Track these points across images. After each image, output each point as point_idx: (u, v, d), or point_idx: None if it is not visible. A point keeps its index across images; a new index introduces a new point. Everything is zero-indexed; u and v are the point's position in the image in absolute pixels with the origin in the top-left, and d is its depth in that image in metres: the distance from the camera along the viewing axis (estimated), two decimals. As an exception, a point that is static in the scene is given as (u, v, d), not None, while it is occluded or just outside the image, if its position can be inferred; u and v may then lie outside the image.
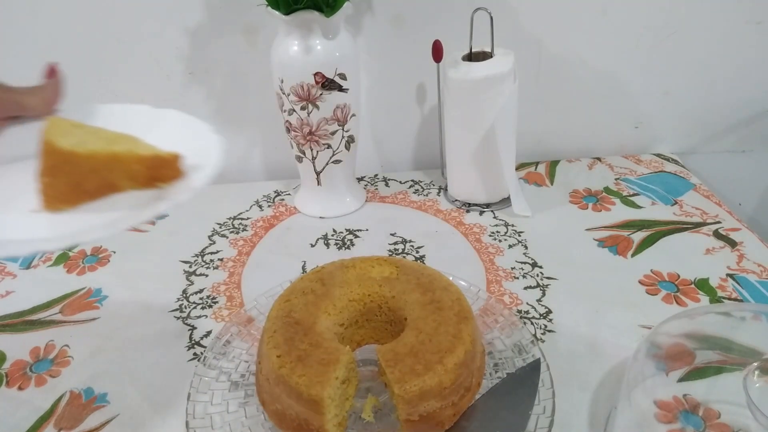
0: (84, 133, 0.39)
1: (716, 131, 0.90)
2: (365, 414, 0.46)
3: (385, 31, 0.80)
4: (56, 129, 0.38)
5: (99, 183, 0.38)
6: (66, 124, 0.40)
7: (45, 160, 0.37)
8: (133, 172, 0.38)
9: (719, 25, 0.80)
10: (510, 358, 0.50)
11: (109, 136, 0.40)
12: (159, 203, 0.35)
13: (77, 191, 0.37)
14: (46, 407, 0.51)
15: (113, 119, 0.45)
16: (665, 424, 0.42)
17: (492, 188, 0.76)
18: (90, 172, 0.37)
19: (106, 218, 0.36)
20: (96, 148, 0.37)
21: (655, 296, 0.60)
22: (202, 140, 0.42)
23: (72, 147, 0.36)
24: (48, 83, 0.45)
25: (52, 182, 0.37)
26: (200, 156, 0.40)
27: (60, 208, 0.37)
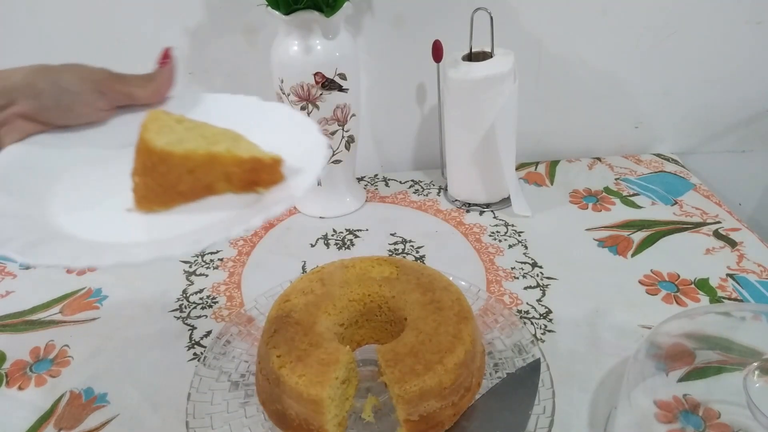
0: (184, 129, 0.37)
1: (716, 131, 0.90)
2: (365, 414, 0.46)
3: (385, 31, 0.80)
4: (155, 124, 0.36)
5: (194, 184, 0.36)
6: (167, 118, 0.38)
7: (139, 158, 0.35)
8: (231, 174, 0.36)
9: (719, 25, 0.80)
10: (510, 358, 0.50)
11: (210, 132, 0.38)
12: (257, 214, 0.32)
13: (171, 192, 0.35)
14: (46, 407, 0.51)
15: (218, 110, 0.44)
16: (665, 424, 0.42)
17: (492, 188, 0.76)
18: (185, 173, 0.35)
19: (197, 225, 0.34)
20: (193, 148, 0.35)
21: (655, 296, 0.60)
22: (306, 140, 0.40)
23: (167, 146, 0.34)
24: (160, 72, 0.44)
25: (144, 182, 0.35)
26: (302, 158, 0.38)
27: (152, 209, 0.35)
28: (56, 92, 0.39)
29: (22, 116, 0.39)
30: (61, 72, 0.40)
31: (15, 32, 0.77)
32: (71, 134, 0.41)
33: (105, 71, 0.41)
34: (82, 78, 0.40)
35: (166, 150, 0.34)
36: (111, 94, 0.41)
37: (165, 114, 0.38)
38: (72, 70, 0.40)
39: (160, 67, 0.44)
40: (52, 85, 0.39)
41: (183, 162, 0.34)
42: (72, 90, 0.39)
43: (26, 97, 0.38)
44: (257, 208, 0.35)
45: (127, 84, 0.42)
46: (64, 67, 0.40)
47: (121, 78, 0.42)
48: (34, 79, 0.39)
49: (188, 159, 0.35)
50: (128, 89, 0.42)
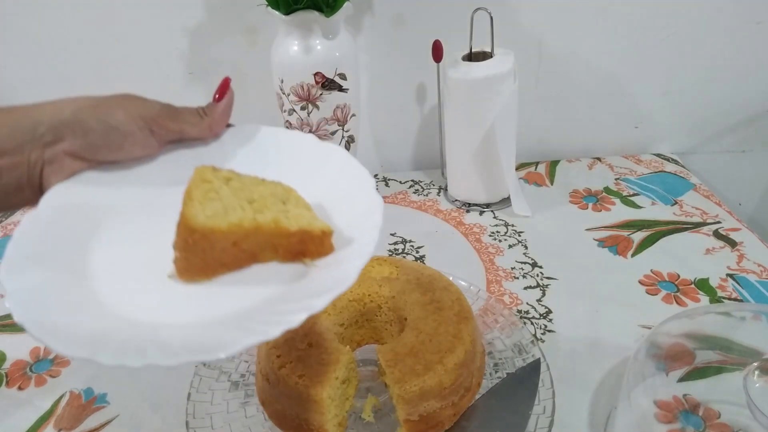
0: (231, 191, 0.35)
1: (716, 131, 0.90)
2: (365, 414, 0.46)
3: (385, 31, 0.80)
4: (199, 190, 0.34)
5: (238, 255, 0.34)
6: (214, 178, 0.35)
7: (180, 234, 0.33)
8: (277, 246, 0.34)
9: (719, 25, 0.80)
10: (510, 358, 0.50)
11: (258, 194, 0.35)
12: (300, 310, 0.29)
13: (213, 264, 0.34)
14: (46, 407, 0.51)
15: (273, 147, 0.42)
16: (665, 424, 0.42)
17: (492, 188, 0.76)
18: (229, 245, 0.33)
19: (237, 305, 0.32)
20: (238, 221, 0.33)
21: (655, 296, 0.60)
22: (360, 198, 0.37)
23: (210, 221, 0.32)
24: (215, 107, 0.41)
25: (185, 257, 0.33)
26: (354, 222, 0.36)
27: (194, 280, 0.34)
28: (106, 130, 0.37)
29: (70, 154, 0.37)
30: (111, 108, 0.38)
31: (15, 32, 0.77)
32: (118, 171, 0.39)
33: (156, 106, 0.39)
34: (133, 116, 0.38)
35: (209, 226, 0.32)
36: (161, 131, 0.39)
37: (212, 172, 0.36)
38: (123, 105, 0.38)
39: (215, 102, 0.42)
40: (102, 123, 0.37)
41: (227, 236, 0.33)
42: (122, 129, 0.37)
43: (75, 135, 0.37)
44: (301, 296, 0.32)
45: (179, 121, 0.40)
46: (114, 102, 0.38)
47: (174, 115, 0.40)
48: (84, 115, 0.37)
49: (233, 233, 0.33)
50: (180, 126, 0.40)
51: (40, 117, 0.36)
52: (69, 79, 0.81)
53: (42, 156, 0.36)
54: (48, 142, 0.36)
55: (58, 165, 0.37)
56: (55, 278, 0.33)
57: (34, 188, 0.37)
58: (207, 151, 0.42)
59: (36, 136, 0.36)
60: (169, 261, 0.34)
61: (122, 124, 0.38)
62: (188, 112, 0.40)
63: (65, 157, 0.37)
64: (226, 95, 0.42)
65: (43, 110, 0.37)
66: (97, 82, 0.81)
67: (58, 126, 0.36)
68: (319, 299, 0.30)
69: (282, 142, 0.43)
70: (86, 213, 0.37)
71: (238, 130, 0.44)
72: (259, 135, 0.44)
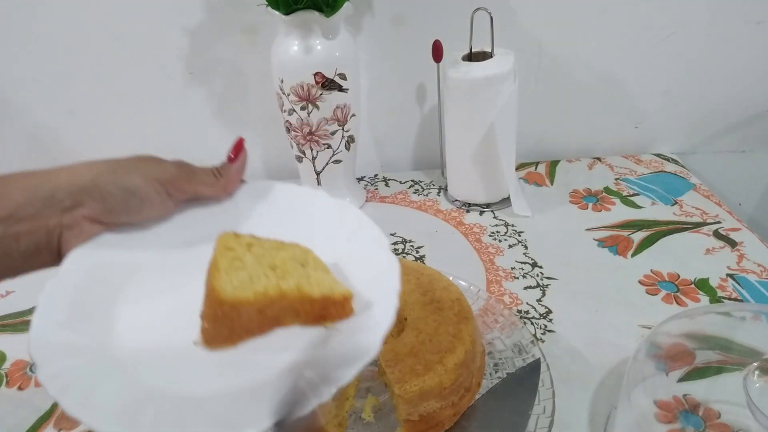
0: (253, 258, 0.36)
1: (716, 131, 0.90)
2: (365, 414, 0.46)
3: (385, 31, 0.80)
4: (225, 258, 0.35)
5: (263, 321, 0.35)
6: (236, 245, 0.36)
7: (209, 305, 0.34)
8: (299, 311, 0.35)
9: (719, 25, 0.80)
10: (510, 358, 0.50)
11: (280, 259, 0.36)
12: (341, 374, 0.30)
13: (240, 332, 0.34)
14: (46, 407, 0.51)
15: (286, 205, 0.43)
16: (665, 424, 0.42)
17: (492, 188, 0.76)
18: (255, 313, 0.34)
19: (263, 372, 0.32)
20: (263, 290, 0.34)
21: (655, 296, 0.60)
22: (376, 258, 0.38)
23: (238, 292, 0.33)
24: (229, 168, 0.42)
25: (214, 327, 0.34)
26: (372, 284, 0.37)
27: (219, 348, 0.34)
28: (124, 196, 0.38)
29: (89, 218, 0.38)
30: (128, 173, 0.38)
31: (16, 32, 0.77)
32: (135, 232, 0.40)
33: (172, 169, 0.39)
34: (150, 180, 0.38)
35: (237, 297, 0.33)
36: (178, 194, 0.40)
37: (235, 239, 0.37)
38: (140, 169, 0.38)
39: (229, 162, 0.42)
40: (120, 188, 0.37)
41: (253, 305, 0.34)
42: (140, 194, 0.38)
43: (93, 200, 0.37)
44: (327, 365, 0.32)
45: (194, 183, 0.40)
46: (131, 166, 0.39)
47: (189, 176, 0.40)
48: (103, 181, 0.37)
49: (258, 302, 0.34)
50: (195, 188, 0.41)
51: (58, 183, 0.36)
52: (69, 79, 0.81)
53: (61, 221, 0.37)
54: (67, 208, 0.37)
55: (77, 229, 0.38)
56: (83, 348, 0.33)
57: (52, 252, 0.37)
58: (221, 209, 0.42)
59: (54, 202, 0.36)
60: (192, 324, 0.35)
61: (140, 189, 0.38)
62: (203, 173, 0.41)
63: (84, 221, 0.38)
64: (240, 155, 0.42)
65: (60, 176, 0.37)
66: (97, 82, 0.81)
67: (77, 192, 0.37)
68: (346, 370, 0.30)
69: (295, 200, 0.44)
70: (106, 276, 0.38)
71: (251, 187, 0.44)
72: (272, 192, 0.44)
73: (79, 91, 0.82)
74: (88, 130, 0.85)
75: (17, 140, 0.85)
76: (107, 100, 0.83)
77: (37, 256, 0.37)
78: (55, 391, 0.29)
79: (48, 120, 0.84)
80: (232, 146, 0.42)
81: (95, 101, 0.83)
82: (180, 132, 0.86)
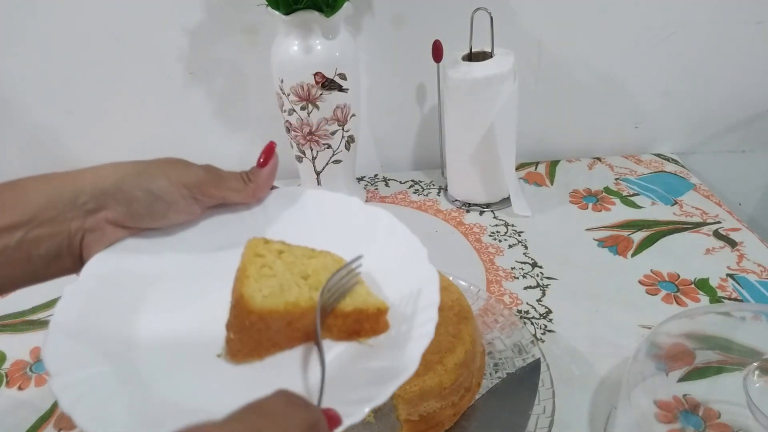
0: (284, 266, 0.34)
1: (716, 131, 0.90)
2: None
3: (385, 31, 0.80)
4: (254, 265, 0.33)
5: (292, 335, 0.33)
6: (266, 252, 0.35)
7: (236, 315, 0.32)
8: (331, 326, 0.33)
9: (719, 25, 0.80)
10: (510, 358, 0.50)
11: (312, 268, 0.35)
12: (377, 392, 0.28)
13: (267, 345, 0.32)
14: (46, 407, 0.51)
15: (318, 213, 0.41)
16: (665, 424, 0.42)
17: (492, 188, 0.76)
18: (284, 325, 0.32)
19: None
20: (294, 301, 0.32)
21: (655, 296, 0.60)
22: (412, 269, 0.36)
23: (267, 302, 0.31)
24: (259, 173, 0.40)
25: (240, 339, 0.32)
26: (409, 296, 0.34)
27: (244, 361, 0.32)
28: (149, 200, 0.36)
29: (112, 222, 0.36)
30: (154, 176, 0.36)
31: (15, 32, 0.77)
32: (160, 238, 0.39)
33: (200, 173, 0.38)
34: (177, 184, 0.37)
35: (267, 307, 0.31)
36: (205, 199, 0.38)
37: (264, 245, 0.35)
38: (166, 173, 0.37)
39: (259, 167, 0.40)
40: (146, 192, 0.36)
41: (283, 317, 0.32)
42: (166, 198, 0.37)
43: (118, 204, 0.36)
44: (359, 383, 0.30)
45: (223, 188, 0.39)
46: (157, 169, 0.37)
47: (217, 181, 0.39)
48: (128, 184, 0.36)
49: (289, 313, 0.32)
50: (223, 193, 0.39)
51: (81, 185, 0.35)
52: (69, 79, 0.81)
53: (83, 225, 0.36)
54: (89, 211, 0.36)
55: (100, 233, 0.36)
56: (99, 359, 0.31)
57: (74, 256, 0.36)
58: (250, 215, 0.41)
59: (77, 205, 0.35)
60: (215, 335, 0.33)
61: (166, 193, 0.37)
62: (232, 178, 0.39)
63: (107, 225, 0.36)
64: (270, 160, 0.41)
65: (83, 178, 0.36)
66: (97, 82, 0.81)
67: (101, 195, 0.35)
68: (382, 389, 0.28)
69: (326, 206, 0.42)
70: (128, 283, 0.36)
71: (281, 192, 0.42)
72: (303, 198, 0.42)
73: (79, 91, 0.82)
74: (88, 130, 0.85)
75: (17, 140, 0.85)
76: (107, 100, 0.83)
77: (58, 261, 0.36)
78: (66, 402, 0.28)
79: (48, 120, 0.84)
80: (263, 150, 0.41)
81: (95, 101, 0.83)
82: (180, 132, 0.86)
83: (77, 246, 0.36)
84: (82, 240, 0.36)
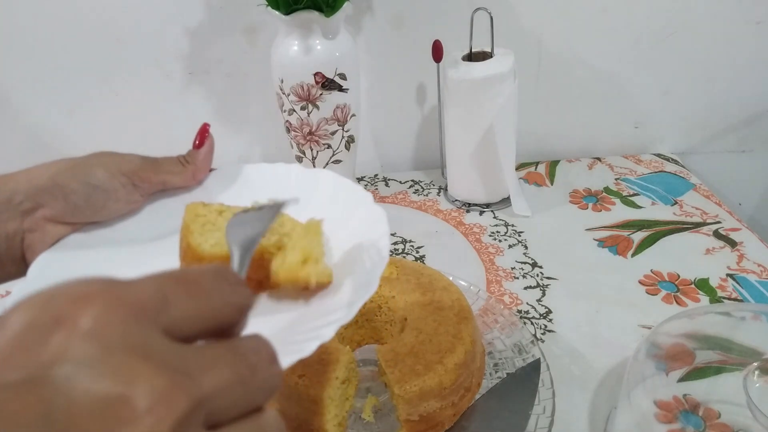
0: (225, 221, 0.34)
1: (716, 131, 0.90)
2: (365, 414, 0.46)
3: (385, 31, 0.80)
4: (196, 222, 0.33)
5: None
6: (207, 212, 0.35)
7: (189, 264, 0.32)
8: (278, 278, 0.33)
9: (719, 25, 0.80)
10: (510, 358, 0.50)
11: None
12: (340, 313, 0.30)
13: None
14: (46, 407, 0.51)
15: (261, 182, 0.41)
16: (665, 424, 0.42)
17: (492, 188, 0.76)
18: None
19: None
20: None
21: (655, 296, 0.60)
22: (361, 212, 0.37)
23: (217, 250, 0.32)
24: (196, 154, 0.40)
25: None
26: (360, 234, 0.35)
27: None
28: (87, 191, 0.36)
29: (51, 219, 0.36)
30: (90, 168, 0.36)
31: (15, 32, 0.77)
32: (101, 230, 0.38)
33: (135, 160, 0.38)
34: (113, 172, 0.37)
35: (216, 254, 0.32)
36: (144, 185, 0.38)
37: (204, 207, 0.35)
38: (102, 163, 0.37)
39: (196, 149, 0.41)
40: (83, 184, 0.36)
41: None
42: (104, 187, 0.36)
43: (55, 199, 0.35)
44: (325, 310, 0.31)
45: (161, 172, 0.39)
46: (92, 161, 0.37)
47: (155, 166, 0.39)
48: (63, 179, 0.35)
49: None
50: (162, 177, 0.39)
51: (15, 186, 0.35)
52: (69, 79, 0.81)
53: (21, 225, 0.35)
54: (26, 210, 0.35)
55: (40, 233, 0.36)
56: None
57: (15, 260, 0.36)
58: (191, 197, 0.40)
59: (12, 206, 0.35)
60: None
61: (104, 183, 0.36)
62: (169, 162, 0.40)
63: (46, 223, 0.36)
64: (206, 141, 0.41)
65: (17, 179, 0.35)
66: (97, 82, 0.81)
67: (36, 192, 0.35)
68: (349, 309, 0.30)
69: (267, 176, 0.43)
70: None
71: (220, 172, 0.43)
72: (243, 173, 0.43)
73: (79, 91, 0.82)
74: (88, 130, 0.85)
75: (17, 140, 0.85)
76: (107, 100, 0.83)
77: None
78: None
79: (48, 120, 0.84)
80: (198, 132, 0.41)
81: (95, 101, 0.83)
82: (180, 132, 0.86)
83: (18, 249, 0.36)
84: (22, 242, 0.36)
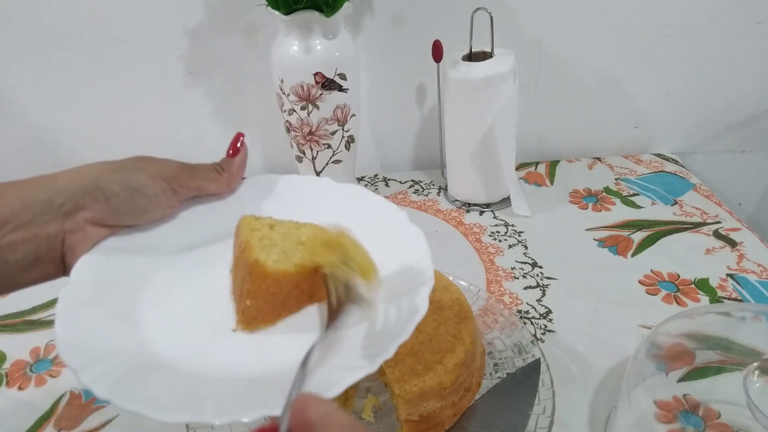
0: (279, 236, 0.36)
1: (716, 131, 0.90)
2: (365, 414, 0.46)
3: (385, 31, 0.80)
4: (254, 236, 0.35)
5: (300, 297, 0.35)
6: (260, 226, 0.36)
7: (253, 281, 0.33)
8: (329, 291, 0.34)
9: (719, 25, 0.80)
10: (510, 358, 0.50)
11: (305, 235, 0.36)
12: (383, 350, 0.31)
13: (279, 309, 0.34)
14: (46, 407, 0.51)
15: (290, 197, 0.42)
16: (665, 424, 0.42)
17: (492, 188, 0.76)
18: (294, 288, 0.34)
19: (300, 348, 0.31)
20: (301, 262, 0.34)
21: (655, 296, 0.60)
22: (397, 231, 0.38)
23: (278, 265, 0.33)
24: (231, 162, 0.41)
25: (257, 305, 0.33)
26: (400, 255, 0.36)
27: (259, 328, 0.34)
28: (129, 195, 0.36)
29: (92, 221, 0.36)
30: (131, 171, 0.37)
31: (15, 32, 0.77)
32: (138, 234, 0.39)
33: (174, 165, 0.39)
34: (154, 177, 0.37)
35: (280, 270, 0.33)
36: (182, 190, 0.39)
37: (256, 220, 0.37)
38: (142, 168, 0.37)
39: (230, 157, 0.42)
40: (125, 187, 0.36)
41: (294, 278, 0.34)
42: (146, 191, 0.37)
43: (97, 201, 0.35)
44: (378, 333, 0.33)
45: (198, 179, 0.40)
46: (133, 165, 0.37)
47: (192, 172, 0.39)
48: (106, 181, 0.36)
49: (299, 274, 0.34)
50: (199, 184, 0.40)
51: (56, 187, 0.35)
52: (69, 79, 0.81)
53: (62, 227, 0.35)
54: (68, 212, 0.35)
55: (81, 234, 0.36)
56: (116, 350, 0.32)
57: (55, 261, 0.36)
58: (224, 205, 0.42)
59: (54, 207, 0.35)
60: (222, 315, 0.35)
61: (145, 187, 0.37)
62: (206, 169, 0.40)
63: (87, 225, 0.36)
64: (240, 150, 0.42)
65: (59, 179, 0.36)
66: (97, 82, 0.81)
67: (78, 194, 0.35)
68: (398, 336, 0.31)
69: (299, 189, 0.43)
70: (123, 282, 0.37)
71: (252, 181, 0.44)
72: (276, 184, 0.44)
73: (79, 91, 0.82)
74: (88, 130, 0.85)
75: (17, 140, 0.85)
76: (107, 100, 0.83)
77: (37, 266, 0.35)
78: (103, 391, 0.28)
79: (48, 120, 0.84)
80: (231, 141, 0.42)
81: (95, 101, 0.83)
82: (180, 132, 0.86)
83: (58, 250, 0.36)
84: (63, 243, 0.36)
